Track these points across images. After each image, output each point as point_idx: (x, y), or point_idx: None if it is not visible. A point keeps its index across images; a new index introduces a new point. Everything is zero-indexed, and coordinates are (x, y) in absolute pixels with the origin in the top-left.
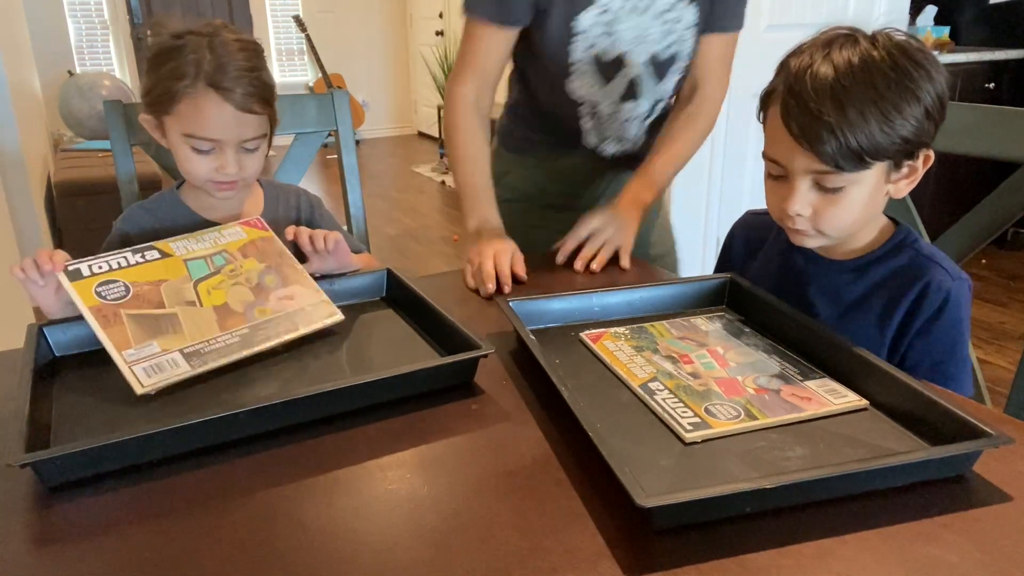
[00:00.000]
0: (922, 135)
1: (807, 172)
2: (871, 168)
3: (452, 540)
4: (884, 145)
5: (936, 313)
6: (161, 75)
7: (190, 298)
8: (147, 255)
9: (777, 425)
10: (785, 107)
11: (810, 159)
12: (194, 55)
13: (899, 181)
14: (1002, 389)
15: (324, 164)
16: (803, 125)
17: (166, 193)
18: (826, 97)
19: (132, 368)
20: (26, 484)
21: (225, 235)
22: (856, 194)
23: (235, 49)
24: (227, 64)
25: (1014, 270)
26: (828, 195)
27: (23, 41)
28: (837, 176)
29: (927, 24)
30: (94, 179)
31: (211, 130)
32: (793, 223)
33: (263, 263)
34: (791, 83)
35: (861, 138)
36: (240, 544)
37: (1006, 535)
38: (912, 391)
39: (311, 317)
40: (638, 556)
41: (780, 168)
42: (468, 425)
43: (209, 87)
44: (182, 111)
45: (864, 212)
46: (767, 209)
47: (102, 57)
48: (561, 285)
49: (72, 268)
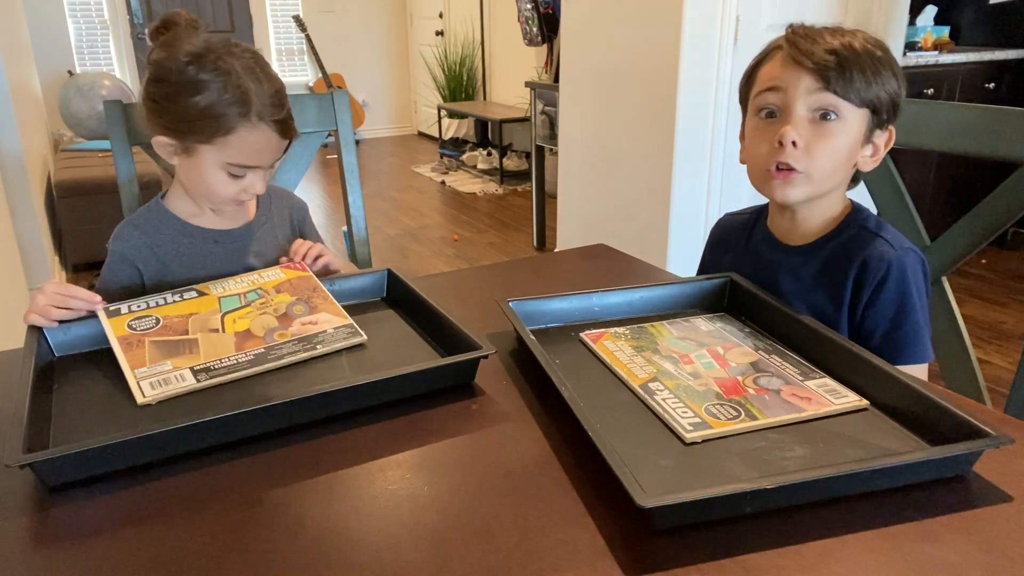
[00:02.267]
0: (892, 105)
1: (808, 93)
2: (859, 111)
3: (452, 540)
4: (874, 91)
5: (880, 283)
6: (200, 106)
7: (214, 326)
8: (185, 295)
9: (777, 425)
10: (791, 43)
11: (814, 79)
12: (236, 88)
13: (865, 157)
14: (1002, 389)
15: (324, 164)
16: (811, 51)
17: (151, 205)
18: (827, 35)
19: (139, 382)
20: (26, 484)
21: (264, 276)
22: (844, 133)
23: (264, 77)
24: (266, 94)
25: (1014, 270)
26: (821, 127)
27: (23, 41)
28: (834, 101)
29: (927, 24)
30: (94, 179)
31: (257, 158)
32: (785, 156)
33: (294, 296)
34: (795, 31)
35: (859, 77)
36: (240, 544)
37: (1006, 535)
38: (912, 391)
39: (332, 338)
40: (638, 556)
41: (779, 96)
42: (468, 425)
43: (260, 121)
44: (231, 142)
45: (845, 160)
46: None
47: (102, 57)
48: (561, 285)
49: (112, 308)
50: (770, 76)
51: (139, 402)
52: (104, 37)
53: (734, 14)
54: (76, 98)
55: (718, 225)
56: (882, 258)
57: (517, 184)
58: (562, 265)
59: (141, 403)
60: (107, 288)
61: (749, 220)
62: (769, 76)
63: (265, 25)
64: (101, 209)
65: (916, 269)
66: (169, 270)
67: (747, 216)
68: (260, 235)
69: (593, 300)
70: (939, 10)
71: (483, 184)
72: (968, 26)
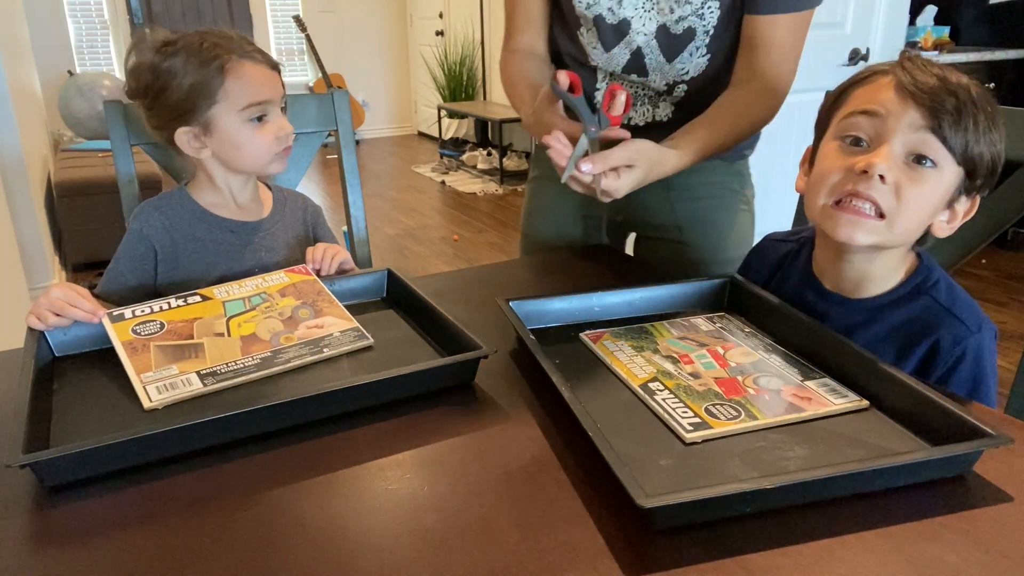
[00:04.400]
0: (990, 170)
1: (912, 129)
2: (957, 168)
3: (452, 540)
4: (980, 149)
5: (953, 367)
6: (189, 74)
7: (220, 330)
8: (189, 300)
9: (777, 425)
10: (905, 70)
11: (923, 115)
12: (206, 42)
13: (942, 221)
14: (1002, 389)
15: (324, 164)
16: (927, 85)
17: (175, 191)
18: (945, 70)
19: (146, 387)
20: (25, 484)
21: (268, 280)
22: (937, 185)
23: (225, 30)
24: (234, 38)
25: (1014, 270)
26: (915, 172)
27: (23, 41)
28: (937, 147)
29: (927, 24)
30: (94, 179)
31: (262, 92)
32: (868, 186)
33: (299, 300)
34: (909, 59)
35: (970, 129)
36: (240, 544)
37: (1006, 535)
38: (912, 391)
39: (338, 342)
40: (638, 556)
41: (875, 123)
42: (468, 425)
43: (242, 57)
44: (230, 88)
45: (929, 217)
46: (810, 200)
47: (102, 57)
48: (561, 285)
49: (116, 313)
50: (869, 99)
51: (146, 407)
52: (104, 37)
53: None
54: (76, 98)
55: (759, 253)
56: (957, 342)
57: (517, 184)
58: (562, 265)
59: (148, 408)
60: (118, 266)
61: (791, 252)
62: (868, 99)
63: (265, 25)
64: (101, 209)
65: (992, 348)
66: (186, 255)
67: (791, 246)
68: (273, 230)
69: (593, 300)
70: (939, 10)
71: (483, 184)
72: (968, 26)
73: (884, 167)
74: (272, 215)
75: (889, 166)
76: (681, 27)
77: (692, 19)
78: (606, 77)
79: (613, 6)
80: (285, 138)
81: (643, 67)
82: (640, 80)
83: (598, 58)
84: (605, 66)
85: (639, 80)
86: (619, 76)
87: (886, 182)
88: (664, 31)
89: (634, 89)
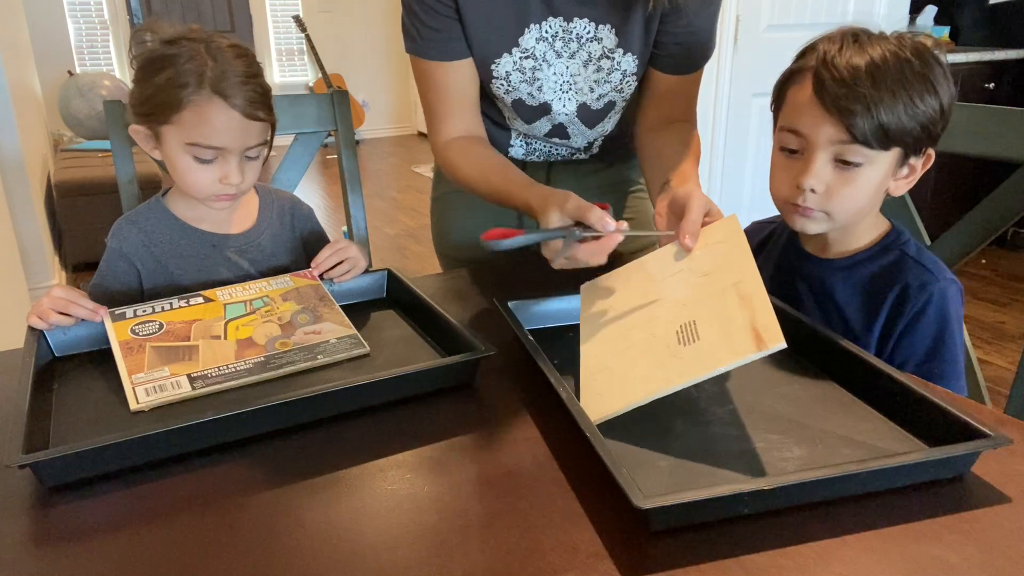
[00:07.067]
0: (934, 128)
1: (830, 143)
2: (888, 152)
3: (452, 540)
4: (907, 128)
5: (918, 314)
6: (159, 83)
7: (217, 333)
8: (191, 301)
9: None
10: (819, 80)
11: (837, 130)
12: (194, 61)
13: (899, 180)
14: (1002, 389)
15: (324, 164)
16: (837, 96)
17: (152, 203)
18: (861, 73)
19: (135, 388)
20: (25, 485)
21: (272, 283)
22: (869, 176)
23: (232, 56)
24: (229, 71)
25: (1014, 270)
26: (844, 172)
27: (23, 41)
28: (858, 151)
29: (927, 24)
30: (94, 179)
31: (217, 138)
32: (804, 199)
33: (300, 305)
34: (825, 60)
35: (890, 116)
36: (240, 544)
37: (1006, 535)
38: (912, 392)
39: (334, 349)
40: (637, 556)
41: (800, 140)
42: (468, 425)
43: (215, 94)
44: (185, 119)
45: (870, 200)
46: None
47: (102, 57)
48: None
49: (118, 312)
50: (792, 115)
51: (132, 408)
52: (104, 37)
53: (734, 14)
54: (76, 98)
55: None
56: (923, 287)
57: None
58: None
59: (134, 409)
60: (103, 283)
61: (776, 228)
62: (792, 115)
63: (265, 25)
64: (101, 209)
65: (957, 301)
66: (168, 271)
67: (775, 225)
68: (259, 241)
69: None
70: (939, 10)
71: None
72: (968, 26)
73: (812, 182)
74: (257, 225)
75: (816, 180)
76: (602, 103)
77: (612, 94)
78: (520, 136)
79: (532, 91)
80: (229, 187)
81: (565, 133)
82: (562, 142)
83: (519, 127)
84: (527, 132)
85: (561, 142)
86: (541, 139)
87: (817, 192)
88: (585, 108)
89: (555, 148)
